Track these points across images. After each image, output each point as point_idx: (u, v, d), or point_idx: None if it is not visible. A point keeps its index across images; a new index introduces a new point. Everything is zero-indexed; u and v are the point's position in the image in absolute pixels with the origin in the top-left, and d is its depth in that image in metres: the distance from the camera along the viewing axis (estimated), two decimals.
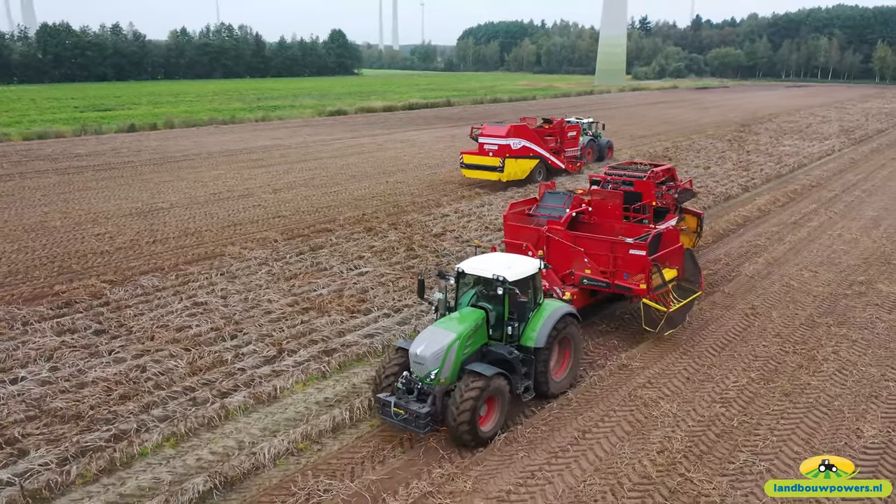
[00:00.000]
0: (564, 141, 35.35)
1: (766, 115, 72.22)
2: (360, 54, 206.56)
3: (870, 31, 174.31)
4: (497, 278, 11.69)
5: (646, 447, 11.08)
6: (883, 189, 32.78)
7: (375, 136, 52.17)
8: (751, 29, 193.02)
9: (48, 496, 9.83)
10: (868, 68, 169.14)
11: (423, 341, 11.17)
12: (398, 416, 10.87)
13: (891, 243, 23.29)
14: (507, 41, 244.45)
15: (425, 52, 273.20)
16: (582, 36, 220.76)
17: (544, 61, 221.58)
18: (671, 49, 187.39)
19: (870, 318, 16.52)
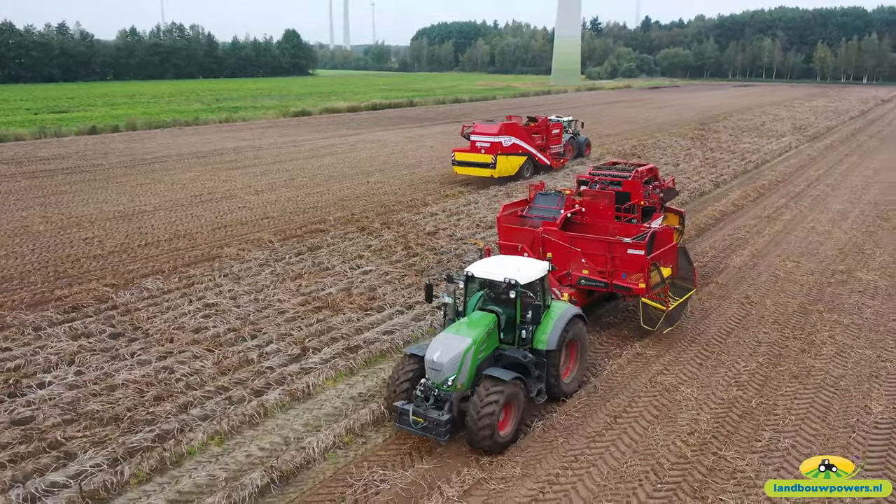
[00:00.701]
0: (549, 138, 36.50)
1: (721, 113, 74.58)
2: (314, 55, 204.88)
3: (810, 32, 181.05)
4: (509, 282, 11.59)
5: (676, 429, 11.67)
6: (844, 184, 34.41)
7: (345, 137, 52.11)
8: (698, 30, 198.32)
9: (105, 496, 9.87)
10: (809, 68, 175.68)
11: (438, 348, 10.96)
12: (417, 425, 10.67)
13: (861, 234, 24.58)
14: (461, 41, 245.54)
15: (379, 53, 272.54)
16: (535, 36, 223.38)
17: (498, 61, 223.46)
18: (622, 49, 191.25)
19: (856, 304, 17.54)
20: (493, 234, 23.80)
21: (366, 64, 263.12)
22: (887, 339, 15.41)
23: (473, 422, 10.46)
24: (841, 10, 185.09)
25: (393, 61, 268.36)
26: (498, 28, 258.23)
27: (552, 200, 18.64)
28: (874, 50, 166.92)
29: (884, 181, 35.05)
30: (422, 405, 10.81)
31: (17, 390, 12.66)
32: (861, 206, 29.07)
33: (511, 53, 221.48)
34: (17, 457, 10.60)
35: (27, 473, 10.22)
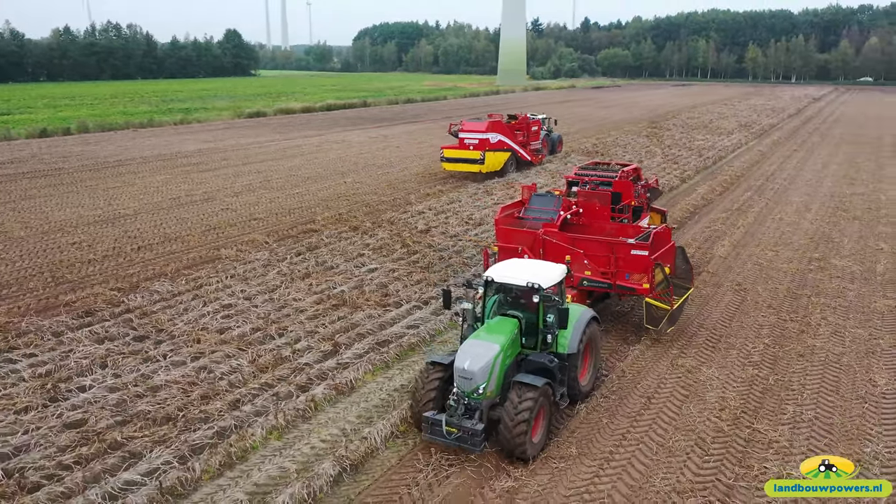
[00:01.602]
0: (529, 135, 37.75)
1: (668, 112, 77.21)
2: (256, 55, 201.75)
3: (741, 33, 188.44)
4: (532, 286, 11.46)
5: (707, 406, 12.51)
6: (798, 177, 36.39)
7: (308, 138, 51.90)
8: (636, 31, 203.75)
9: (182, 492, 10.02)
10: (742, 68, 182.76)
11: (467, 356, 10.74)
12: (451, 435, 10.46)
13: (826, 224, 26.21)
14: (404, 42, 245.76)
15: (321, 53, 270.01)
16: (477, 37, 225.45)
17: (442, 62, 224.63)
18: (564, 50, 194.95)
19: (839, 289, 18.86)
20: (484, 232, 24.52)
21: (307, 64, 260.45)
22: (874, 319, 16.68)
23: (508, 429, 10.31)
24: (769, 13, 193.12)
25: (335, 61, 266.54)
26: (440, 28, 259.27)
27: (548, 201, 18.78)
28: (801, 51, 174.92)
29: (833, 174, 37.21)
30: (455, 415, 10.55)
31: (58, 395, 12.57)
32: (819, 199, 30.88)
33: (454, 54, 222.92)
34: (81, 459, 10.61)
35: (96, 474, 10.26)
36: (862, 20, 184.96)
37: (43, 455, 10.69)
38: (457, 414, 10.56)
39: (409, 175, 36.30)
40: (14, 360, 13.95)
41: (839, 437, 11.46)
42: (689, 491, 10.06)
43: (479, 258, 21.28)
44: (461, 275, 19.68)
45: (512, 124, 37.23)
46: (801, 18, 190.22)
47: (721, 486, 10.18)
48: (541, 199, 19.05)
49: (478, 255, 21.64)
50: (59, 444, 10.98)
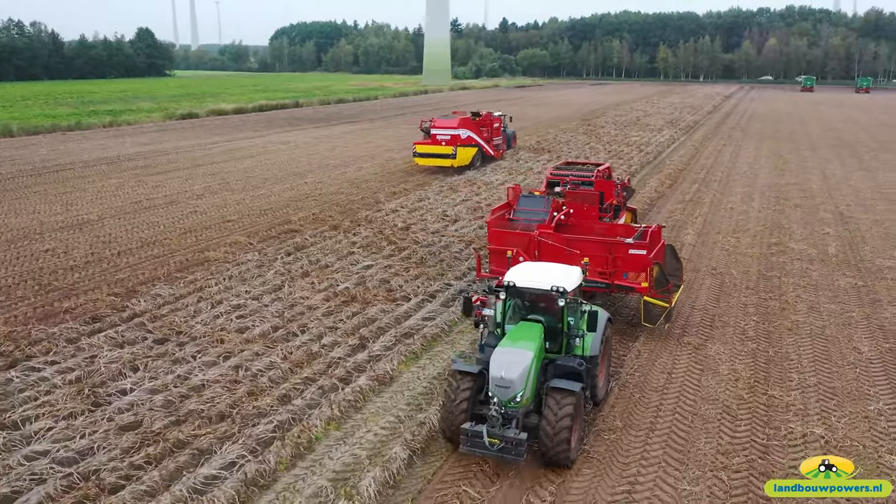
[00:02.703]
0: (492, 131, 39.45)
1: (595, 110, 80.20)
2: (171, 55, 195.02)
3: (652, 34, 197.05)
4: (557, 289, 11.27)
5: (723, 378, 13.67)
6: (735, 170, 38.89)
7: (250, 139, 51.19)
8: (552, 31, 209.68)
9: (264, 483, 10.27)
10: (654, 68, 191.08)
11: (502, 364, 10.45)
12: (494, 447, 10.13)
13: (772, 213, 28.33)
14: (323, 41, 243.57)
15: (236, 52, 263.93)
16: (398, 37, 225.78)
17: (362, 61, 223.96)
18: (485, 50, 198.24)
19: (803, 269, 20.62)
20: (462, 228, 25.25)
21: (223, 64, 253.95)
22: (841, 295, 18.42)
23: (549, 437, 10.17)
24: (677, 15, 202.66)
25: (252, 61, 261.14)
26: (359, 28, 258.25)
27: (538, 203, 18.88)
28: (707, 51, 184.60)
29: (765, 167, 39.97)
30: (496, 425, 10.24)
31: (99, 399, 12.45)
32: (759, 189, 33.21)
33: (375, 53, 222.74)
34: (151, 458, 10.66)
35: (172, 472, 10.36)
36: (761, 22, 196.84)
37: (109, 457, 10.67)
38: (497, 424, 10.22)
39: (368, 174, 36.58)
40: (37, 367, 13.64)
41: (844, 398, 12.82)
42: (731, 451, 11.11)
43: (467, 253, 21.98)
44: (456, 269, 20.33)
45: (477, 121, 38.82)
46: (706, 20, 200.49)
47: (757, 446, 11.28)
48: (529, 201, 19.08)
49: (465, 249, 22.33)
50: (122, 446, 10.97)
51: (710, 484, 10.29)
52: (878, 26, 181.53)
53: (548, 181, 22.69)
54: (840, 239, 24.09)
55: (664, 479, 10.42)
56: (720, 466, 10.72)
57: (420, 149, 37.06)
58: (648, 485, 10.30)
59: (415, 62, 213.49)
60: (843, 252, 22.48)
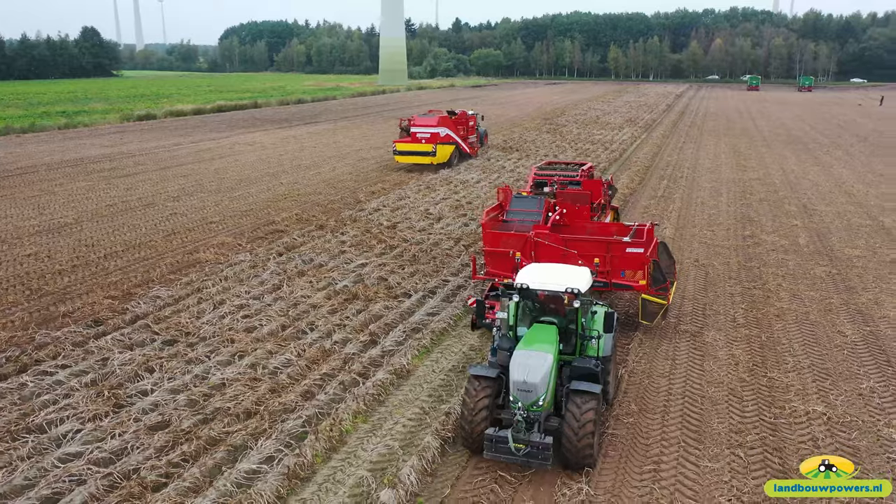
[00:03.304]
0: (468, 129, 40.38)
1: (555, 109, 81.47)
2: (118, 55, 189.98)
3: (603, 34, 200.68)
4: (572, 291, 11.19)
5: (723, 363, 14.37)
6: (699, 166, 40.19)
7: (215, 140, 50.57)
8: (505, 32, 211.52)
9: (304, 475, 10.47)
10: (605, 67, 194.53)
11: (524, 368, 10.34)
12: (520, 451, 10.08)
13: (740, 206, 29.47)
14: (274, 41, 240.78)
15: (185, 52, 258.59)
16: (351, 37, 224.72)
17: (315, 61, 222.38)
18: (439, 50, 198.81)
19: (779, 260, 21.62)
20: (448, 226, 25.61)
21: (171, 64, 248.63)
22: (818, 283, 19.43)
23: (572, 439, 10.13)
24: (627, 15, 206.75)
25: (202, 61, 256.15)
26: (311, 28, 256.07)
27: (530, 203, 18.94)
28: (656, 51, 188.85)
29: (726, 163, 41.38)
30: (521, 430, 10.16)
31: (121, 401, 12.42)
32: (725, 184, 34.46)
33: (328, 53, 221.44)
34: (188, 456, 10.75)
35: (211, 468, 10.47)
36: (707, 23, 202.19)
37: (145, 456, 10.72)
38: (522, 429, 10.15)
39: (342, 174, 36.63)
40: (49, 371, 13.51)
41: (837, 378, 13.65)
42: (743, 430, 11.77)
43: (457, 250, 22.36)
44: (450, 266, 20.68)
45: (454, 119, 39.49)
46: (654, 21, 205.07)
47: (767, 424, 11.97)
48: (522, 202, 19.10)
49: (454, 247, 22.70)
50: (156, 445, 11.02)
51: (729, 460, 10.91)
52: (816, 27, 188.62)
53: (535, 181, 22.54)
54: (808, 230, 25.28)
55: (686, 458, 10.99)
56: (735, 444, 11.35)
57: (400, 147, 37.87)
58: (672, 463, 10.86)
59: (369, 62, 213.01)
60: (813, 243, 23.62)
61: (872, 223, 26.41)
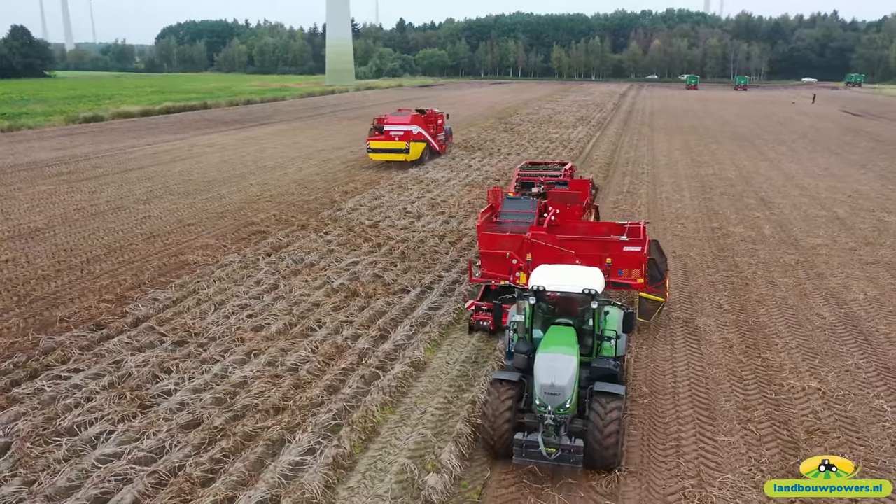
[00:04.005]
0: (437, 127, 41.44)
1: (506, 108, 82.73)
2: (51, 54, 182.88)
3: (545, 35, 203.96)
4: (589, 292, 11.22)
5: (718, 346, 15.22)
6: (656, 163, 41.64)
7: (171, 142, 49.60)
8: (450, 32, 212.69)
9: (346, 465, 10.76)
10: (548, 67, 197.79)
11: (550, 371, 10.28)
12: (551, 455, 10.06)
13: (703, 200, 30.80)
14: (214, 41, 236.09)
15: (121, 52, 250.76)
16: (294, 36, 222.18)
17: (258, 61, 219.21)
18: (384, 50, 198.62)
19: (750, 250, 22.81)
20: (429, 223, 26.02)
21: (106, 64, 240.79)
22: (789, 270, 20.63)
23: (599, 442, 10.13)
24: (568, 16, 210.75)
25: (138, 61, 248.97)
26: (251, 27, 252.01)
27: (523, 204, 18.90)
28: (598, 51, 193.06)
29: (682, 159, 43.02)
30: (551, 434, 10.16)
31: (145, 402, 12.42)
32: (684, 179, 35.88)
33: (271, 53, 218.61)
34: (228, 452, 10.89)
35: (254, 463, 10.65)
36: (645, 24, 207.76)
37: (185, 454, 10.81)
38: (552, 432, 10.15)
39: (310, 175, 36.57)
40: (63, 375, 13.36)
41: (824, 357, 14.66)
42: (749, 406, 12.60)
43: (444, 246, 22.80)
44: (441, 262, 21.10)
45: (424, 117, 40.48)
46: (595, 22, 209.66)
47: (769, 400, 12.84)
48: (515, 203, 19.09)
49: (440, 244, 23.12)
50: (193, 442, 11.11)
51: (742, 434, 11.70)
52: (748, 28, 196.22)
53: (521, 182, 22.24)
54: (770, 222, 26.68)
55: (702, 434, 11.73)
56: (745, 419, 12.16)
57: (374, 144, 38.61)
58: (691, 439, 11.57)
59: (312, 62, 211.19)
60: (777, 233, 24.97)
61: (827, 214, 28.03)
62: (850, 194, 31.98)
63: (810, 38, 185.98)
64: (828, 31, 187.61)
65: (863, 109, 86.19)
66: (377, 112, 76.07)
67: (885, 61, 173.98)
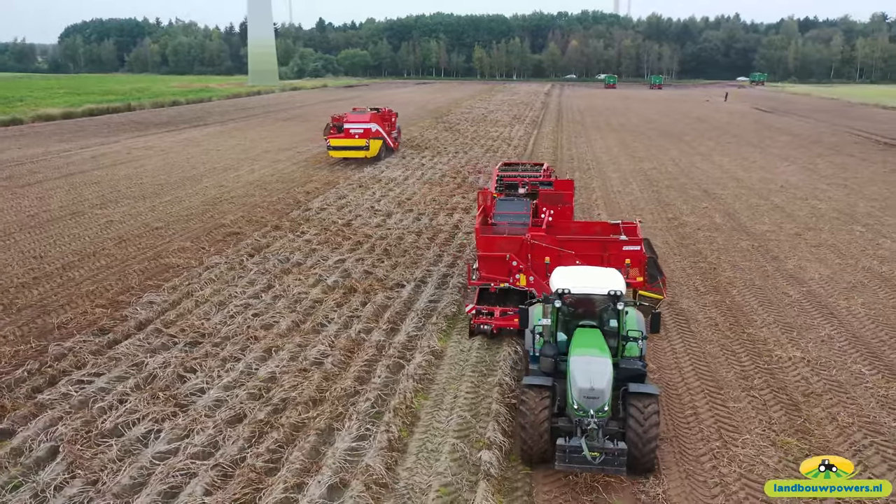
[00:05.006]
0: (391, 125, 42.84)
1: (438, 108, 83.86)
2: None
3: (467, 35, 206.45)
4: (614, 293, 11.31)
5: (705, 325, 16.50)
6: (599, 159, 43.43)
7: (107, 145, 47.95)
8: (371, 32, 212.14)
9: (399, 447, 11.26)
10: (470, 67, 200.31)
11: (588, 375, 10.27)
12: (596, 460, 9.92)
13: (652, 193, 32.56)
14: (124, 40, 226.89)
15: (21, 51, 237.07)
16: (210, 36, 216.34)
17: (172, 61, 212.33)
18: (305, 50, 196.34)
19: (708, 237, 24.46)
20: (401, 220, 26.53)
21: (5, 64, 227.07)
22: (748, 255, 22.31)
23: (638, 444, 10.16)
24: (488, 17, 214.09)
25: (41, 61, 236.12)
26: (163, 26, 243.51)
27: (518, 206, 19.02)
28: (518, 52, 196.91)
29: (621, 155, 45.07)
30: (595, 438, 10.08)
31: (180, 401, 12.51)
32: (630, 174, 37.69)
33: (186, 53, 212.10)
34: (281, 443, 11.19)
35: (310, 452, 11.00)
36: (562, 24, 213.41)
37: (240, 448, 11.04)
38: (596, 436, 10.09)
39: (264, 176, 36.33)
40: (85, 380, 13.22)
41: (800, 330, 16.15)
42: (749, 375, 13.85)
43: (423, 242, 23.39)
44: (425, 258, 21.67)
45: (380, 115, 41.61)
46: (514, 22, 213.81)
47: (763, 369, 14.14)
48: (508, 204, 19.14)
49: (418, 240, 23.70)
50: (244, 436, 11.34)
51: (749, 400, 12.90)
52: (659, 30, 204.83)
53: (506, 183, 22.03)
54: (719, 212, 28.58)
55: (714, 402, 12.86)
56: (748, 387, 13.39)
57: (334, 142, 39.69)
58: (705, 407, 12.68)
59: (230, 62, 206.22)
60: (728, 222, 26.83)
61: (767, 203, 30.24)
62: (781, 185, 34.50)
63: (716, 39, 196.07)
64: (731, 33, 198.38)
65: (772, 106, 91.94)
66: (308, 112, 76.26)
67: (784, 61, 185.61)
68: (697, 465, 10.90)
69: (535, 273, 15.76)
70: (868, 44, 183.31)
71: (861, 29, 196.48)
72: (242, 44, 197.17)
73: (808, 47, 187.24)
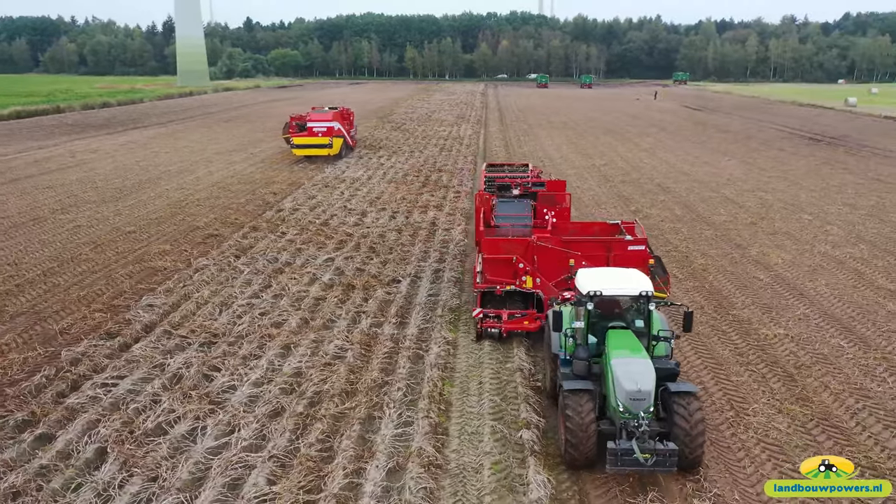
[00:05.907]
0: (350, 124, 43.67)
1: (380, 108, 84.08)
2: None
3: (398, 35, 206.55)
4: (645, 294, 11.46)
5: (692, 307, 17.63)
6: (552, 157, 44.71)
7: (46, 149, 46.17)
8: (301, 32, 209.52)
9: (441, 430, 11.78)
10: (403, 67, 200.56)
11: (633, 377, 10.36)
12: (648, 461, 9.92)
13: (610, 188, 33.92)
14: (37, 39, 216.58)
15: None
16: (132, 35, 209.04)
17: (91, 61, 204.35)
18: (234, 50, 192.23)
19: (674, 229, 25.83)
20: (378, 219, 26.89)
21: None
22: (714, 243, 23.74)
23: (688, 441, 10.24)
24: (419, 17, 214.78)
25: None
26: (80, 25, 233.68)
27: (518, 207, 19.07)
28: (450, 51, 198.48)
29: (572, 152, 46.53)
30: (645, 439, 10.09)
31: (213, 398, 12.63)
32: (584, 171, 39.03)
33: (106, 53, 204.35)
34: (327, 434, 11.52)
35: (357, 440, 11.39)
36: (491, 25, 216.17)
37: (290, 440, 11.32)
38: (647, 437, 10.10)
39: (224, 178, 35.91)
40: (110, 383, 13.16)
41: (779, 310, 17.47)
42: (743, 352, 14.99)
43: (405, 239, 23.85)
44: (412, 254, 22.14)
45: (340, 114, 42.41)
46: (444, 23, 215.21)
47: (754, 346, 15.31)
48: (509, 206, 19.15)
49: (400, 237, 24.14)
50: (289, 428, 11.63)
51: (749, 374, 14.01)
52: (585, 30, 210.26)
53: (497, 185, 21.81)
54: (677, 204, 30.14)
55: (718, 376, 13.92)
56: (745, 362, 14.53)
57: (298, 140, 40.52)
58: (712, 381, 13.72)
59: (154, 62, 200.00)
60: (687, 214, 28.37)
61: (718, 195, 32.04)
62: (728, 178, 36.54)
63: (640, 39, 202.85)
64: (654, 34, 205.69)
65: (700, 105, 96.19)
66: (250, 113, 75.28)
67: (704, 61, 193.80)
68: (718, 434, 11.87)
69: (541, 274, 15.75)
70: (780, 44, 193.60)
71: (773, 30, 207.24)
72: (167, 43, 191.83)
73: (726, 48, 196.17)
